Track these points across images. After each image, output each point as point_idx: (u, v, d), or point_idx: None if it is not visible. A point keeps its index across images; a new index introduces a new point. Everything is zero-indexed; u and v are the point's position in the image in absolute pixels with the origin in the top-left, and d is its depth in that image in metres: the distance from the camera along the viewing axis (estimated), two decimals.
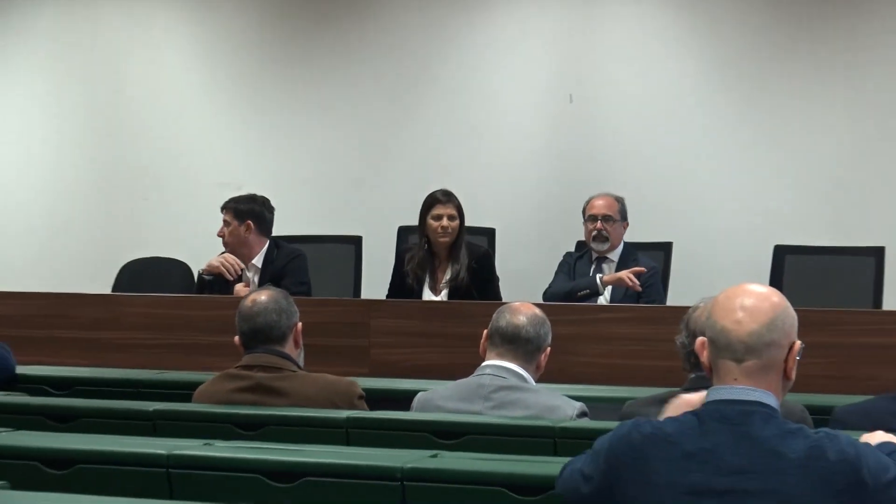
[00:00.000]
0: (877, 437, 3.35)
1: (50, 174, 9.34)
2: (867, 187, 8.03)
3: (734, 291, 3.20)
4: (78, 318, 7.12)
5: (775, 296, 3.19)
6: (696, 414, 3.15)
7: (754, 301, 3.15)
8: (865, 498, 3.01)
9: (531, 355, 4.66)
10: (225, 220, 7.09)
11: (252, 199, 7.22)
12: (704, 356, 3.19)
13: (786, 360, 3.13)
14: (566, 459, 3.47)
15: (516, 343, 4.65)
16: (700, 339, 3.20)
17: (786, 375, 3.15)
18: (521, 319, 4.68)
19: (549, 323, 4.76)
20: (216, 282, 7.08)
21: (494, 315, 4.74)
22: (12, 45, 9.39)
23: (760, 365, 3.10)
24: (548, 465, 3.62)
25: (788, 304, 3.17)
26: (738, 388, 3.10)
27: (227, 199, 7.25)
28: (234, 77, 9.11)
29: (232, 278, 6.90)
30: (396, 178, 8.48)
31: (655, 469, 3.10)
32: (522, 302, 4.95)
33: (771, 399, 3.10)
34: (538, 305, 4.98)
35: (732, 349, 3.11)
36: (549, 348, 4.71)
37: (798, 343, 3.15)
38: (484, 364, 4.68)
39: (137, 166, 9.18)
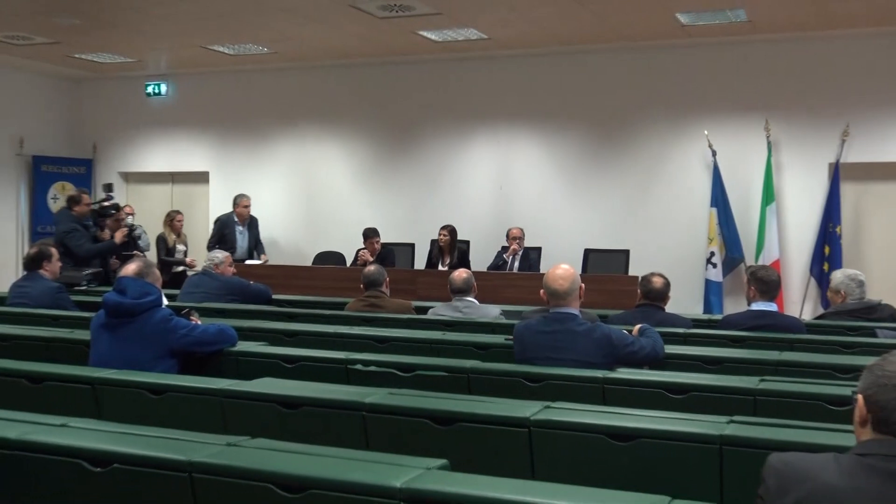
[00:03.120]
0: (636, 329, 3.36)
1: (284, 214, 9.14)
2: (624, 223, 7.88)
3: (554, 270, 3.12)
4: (296, 277, 7.19)
5: (571, 269, 3.12)
6: (545, 317, 3.06)
7: (562, 273, 3.09)
8: (614, 351, 2.98)
9: (470, 290, 4.61)
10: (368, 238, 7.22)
11: (373, 230, 7.35)
12: (546, 297, 3.07)
13: (579, 294, 3.09)
14: (498, 336, 3.53)
15: (462, 285, 4.62)
16: (541, 290, 3.06)
17: (580, 299, 3.12)
18: (455, 280, 4.64)
19: (473, 278, 4.61)
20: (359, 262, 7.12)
21: (449, 277, 4.68)
22: (269, 158, 9.22)
23: (570, 299, 3.07)
24: (490, 338, 3.58)
25: (576, 272, 3.13)
26: (561, 308, 3.06)
27: (364, 228, 7.38)
28: (361, 173, 8.88)
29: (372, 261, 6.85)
30: (427, 219, 8.31)
31: (528, 343, 3.04)
32: (458, 270, 4.82)
33: (574, 310, 3.06)
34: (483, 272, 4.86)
35: (558, 295, 3.07)
36: (475, 287, 4.60)
37: (583, 287, 3.11)
38: (455, 297, 4.65)
39: (321, 211, 8.99)
